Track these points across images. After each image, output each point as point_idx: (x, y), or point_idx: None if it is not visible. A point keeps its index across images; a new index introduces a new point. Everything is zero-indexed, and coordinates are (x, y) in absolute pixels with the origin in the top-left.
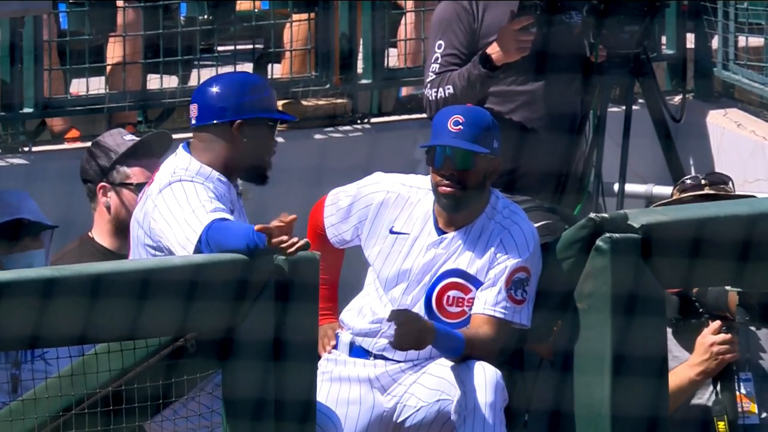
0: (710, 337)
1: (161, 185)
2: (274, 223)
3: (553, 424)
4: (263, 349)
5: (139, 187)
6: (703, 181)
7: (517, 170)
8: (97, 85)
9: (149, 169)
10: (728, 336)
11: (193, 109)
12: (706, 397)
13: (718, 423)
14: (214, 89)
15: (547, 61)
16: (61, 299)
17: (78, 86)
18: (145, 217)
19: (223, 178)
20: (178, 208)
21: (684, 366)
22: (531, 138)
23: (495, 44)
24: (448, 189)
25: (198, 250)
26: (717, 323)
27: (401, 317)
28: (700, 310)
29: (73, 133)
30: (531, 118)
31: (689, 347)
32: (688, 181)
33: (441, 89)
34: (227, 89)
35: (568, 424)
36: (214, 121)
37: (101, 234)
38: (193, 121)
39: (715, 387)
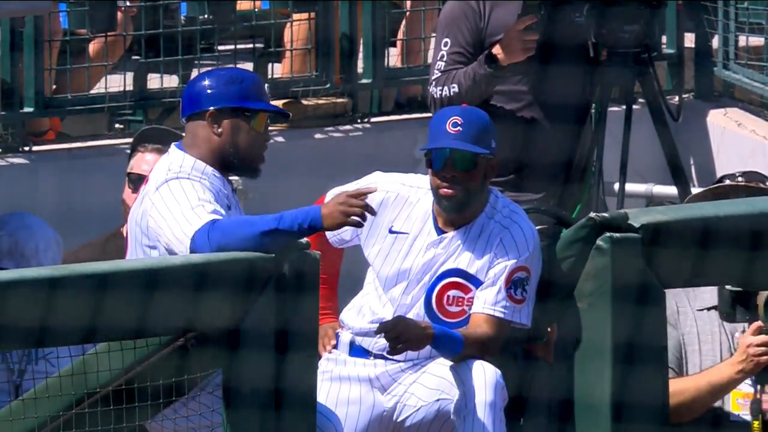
0: (749, 337)
1: (157, 183)
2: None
3: (551, 424)
4: (265, 348)
5: (131, 179)
6: (739, 178)
7: (524, 167)
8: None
9: (147, 162)
10: (766, 338)
11: (180, 104)
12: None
13: (753, 422)
14: (195, 82)
15: (552, 60)
16: (64, 298)
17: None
18: (143, 216)
19: (218, 173)
20: (175, 204)
21: (726, 363)
22: (538, 135)
23: (500, 45)
24: (450, 191)
25: (193, 248)
26: (756, 324)
27: (394, 331)
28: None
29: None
30: (537, 117)
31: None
32: (726, 180)
33: (446, 87)
34: (204, 81)
35: (567, 423)
36: (193, 112)
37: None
38: (181, 116)
39: (754, 387)
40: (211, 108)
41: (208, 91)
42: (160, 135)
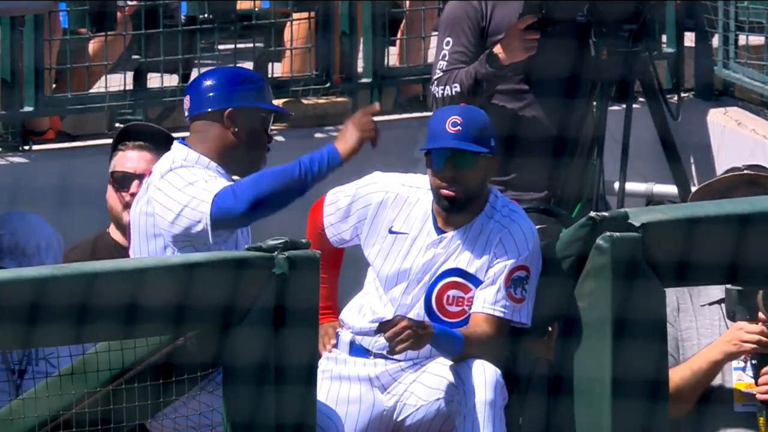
0: (742, 322)
1: (162, 171)
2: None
3: (550, 424)
4: (265, 346)
5: (115, 178)
6: (745, 171)
7: (525, 166)
8: None
9: (130, 159)
10: (759, 327)
11: (186, 101)
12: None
13: (759, 418)
14: (207, 81)
15: (553, 59)
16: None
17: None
18: (149, 203)
19: (221, 170)
20: (185, 183)
21: (707, 347)
22: (539, 134)
23: (501, 44)
24: (450, 193)
25: (216, 211)
26: (761, 316)
27: (393, 331)
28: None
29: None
30: (539, 116)
31: None
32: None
33: (448, 87)
34: (219, 79)
35: (565, 423)
36: (207, 110)
37: (113, 228)
38: (186, 113)
39: (755, 377)
40: (230, 108)
41: (225, 90)
42: (141, 132)
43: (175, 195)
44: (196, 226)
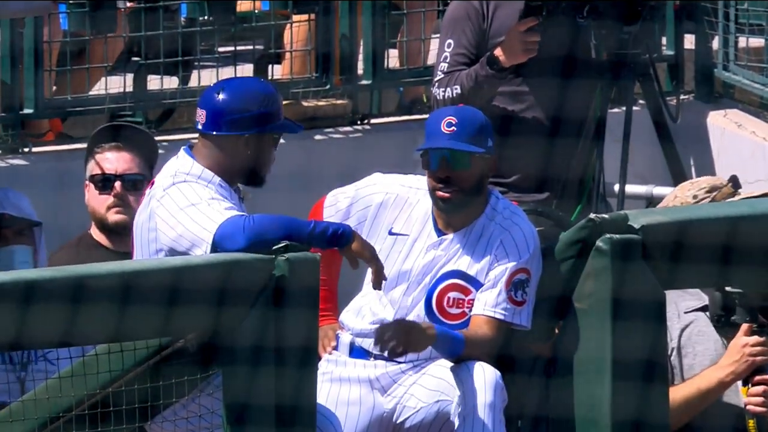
0: (743, 338)
1: (164, 186)
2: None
3: (549, 427)
4: (264, 348)
5: (97, 180)
6: None
7: (527, 169)
8: None
9: (109, 161)
10: (762, 338)
11: (201, 115)
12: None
13: (749, 421)
14: (224, 97)
15: (553, 61)
16: (45, 301)
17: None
18: (150, 217)
19: (225, 183)
20: (187, 202)
21: (714, 368)
22: (540, 136)
23: (501, 46)
24: (445, 194)
25: (219, 239)
26: (747, 325)
27: (393, 335)
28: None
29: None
30: (540, 118)
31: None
32: None
33: (449, 89)
34: (238, 101)
35: (564, 427)
36: (223, 133)
37: (95, 230)
38: (200, 126)
39: (745, 386)
40: (247, 135)
41: (244, 114)
42: (112, 132)
43: (177, 214)
44: (196, 248)
